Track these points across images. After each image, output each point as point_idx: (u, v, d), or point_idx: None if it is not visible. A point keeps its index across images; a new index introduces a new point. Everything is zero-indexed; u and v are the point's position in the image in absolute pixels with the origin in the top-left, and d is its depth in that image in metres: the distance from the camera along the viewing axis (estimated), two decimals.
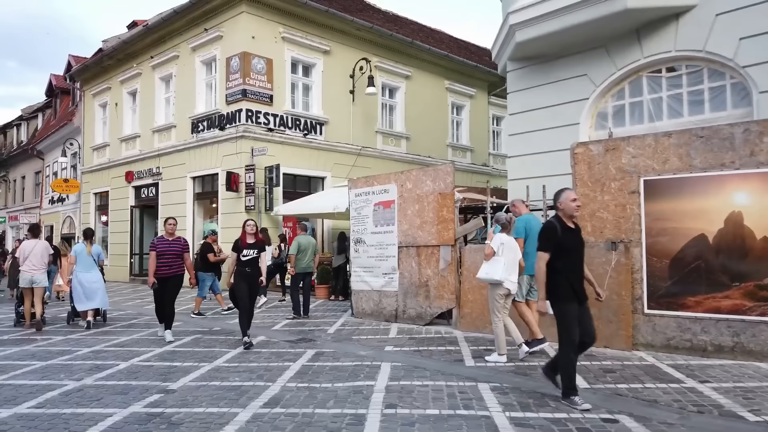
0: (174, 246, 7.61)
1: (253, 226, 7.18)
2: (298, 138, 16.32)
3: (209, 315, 10.21)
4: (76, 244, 9.96)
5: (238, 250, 6.96)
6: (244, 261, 6.89)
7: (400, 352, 6.43)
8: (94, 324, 8.65)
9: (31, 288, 8.80)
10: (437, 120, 20.68)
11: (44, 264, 9.00)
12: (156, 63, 18.31)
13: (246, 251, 6.92)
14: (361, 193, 9.44)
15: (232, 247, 7.11)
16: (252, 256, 6.96)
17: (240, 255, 6.89)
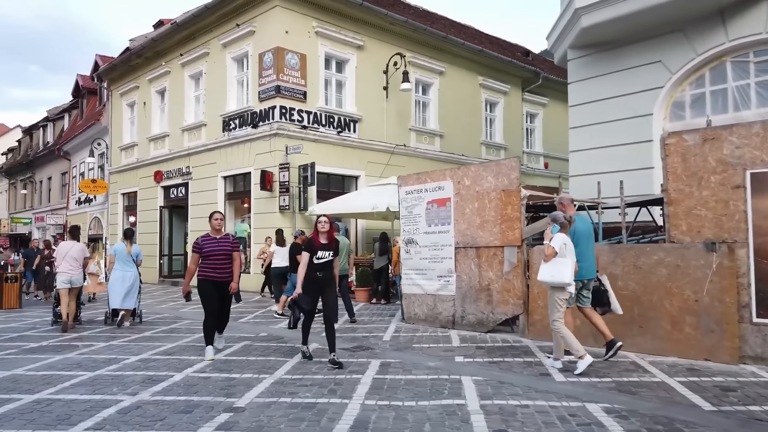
0: (223, 245, 6.55)
1: (326, 223, 6.15)
2: (332, 136, 15.83)
3: (254, 316, 9.73)
4: (117, 243, 9.85)
5: (311, 251, 5.99)
6: (316, 264, 5.97)
7: (473, 363, 5.86)
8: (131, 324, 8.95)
9: (68, 288, 8.84)
10: (470, 117, 20.07)
11: (80, 265, 9.15)
12: (185, 61, 17.97)
13: (320, 253, 5.98)
14: (412, 191, 8.88)
15: (304, 248, 6.14)
16: (327, 258, 6.01)
17: (314, 257, 5.97)
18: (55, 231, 28.73)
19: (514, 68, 21.53)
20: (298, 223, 14.86)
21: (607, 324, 5.87)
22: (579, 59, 9.00)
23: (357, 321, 9.18)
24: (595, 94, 8.67)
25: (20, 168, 36.44)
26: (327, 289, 6.01)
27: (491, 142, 20.98)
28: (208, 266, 6.40)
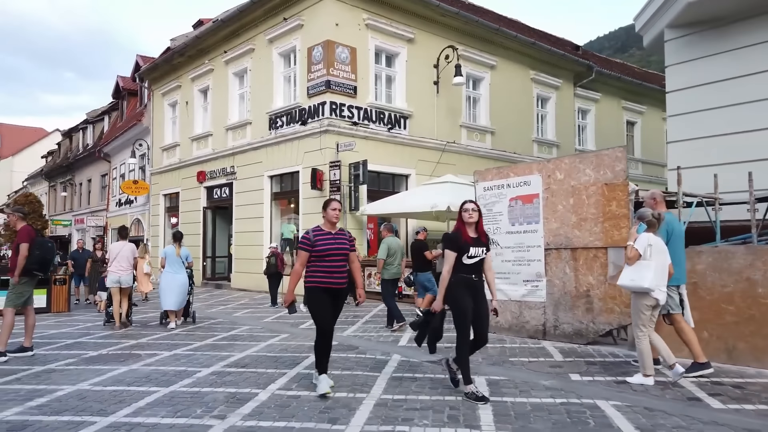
0: (341, 241, 4.95)
1: (474, 211, 4.72)
2: (383, 132, 15.15)
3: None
4: (167, 246, 9.92)
5: (460, 248, 4.62)
6: (468, 266, 4.61)
7: (596, 383, 5.05)
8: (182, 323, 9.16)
9: (119, 288, 9.06)
10: (522, 113, 19.18)
11: (131, 265, 9.27)
12: (229, 58, 17.54)
13: (473, 250, 4.61)
14: (491, 187, 8.10)
15: (447, 245, 4.72)
16: (480, 257, 4.66)
17: (465, 256, 4.60)
18: (95, 233, 28.77)
19: (566, 62, 20.55)
20: (348, 225, 14.23)
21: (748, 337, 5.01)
22: (679, 39, 8.10)
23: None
24: (698, 78, 7.77)
25: (60, 170, 36.82)
26: (480, 297, 4.72)
27: (543, 139, 20.02)
28: (322, 269, 4.82)
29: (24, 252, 6.42)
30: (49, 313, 11.10)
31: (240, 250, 16.92)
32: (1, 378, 5.34)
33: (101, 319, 10.28)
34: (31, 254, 6.38)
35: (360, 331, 8.37)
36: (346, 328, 8.73)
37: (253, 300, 13.48)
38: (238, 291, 16.26)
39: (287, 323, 9.40)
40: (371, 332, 8.29)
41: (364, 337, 7.83)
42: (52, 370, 5.68)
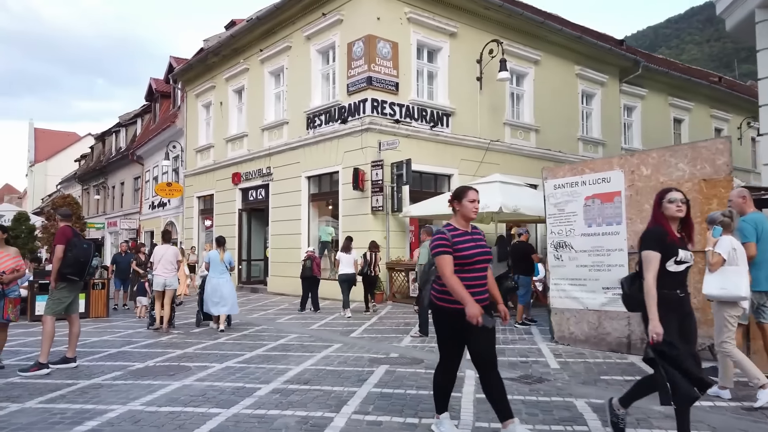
0: (480, 243, 3.65)
1: (682, 202, 3.49)
2: (425, 131, 14.53)
3: (364, 330, 8.47)
4: (211, 251, 9.82)
5: (667, 249, 3.38)
6: (672, 275, 3.39)
7: (722, 410, 4.33)
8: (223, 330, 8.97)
9: (163, 291, 9.11)
10: (566, 110, 18.36)
11: (174, 268, 9.33)
12: (265, 56, 17.14)
13: (682, 253, 3.39)
14: (563, 184, 7.40)
15: (647, 246, 3.43)
16: (689, 262, 3.45)
17: (671, 261, 3.37)
18: (128, 236, 28.77)
19: (612, 57, 19.64)
20: (391, 226, 13.65)
21: None
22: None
23: None
24: None
25: (93, 174, 37.13)
26: (690, 321, 3.51)
27: (588, 138, 19.15)
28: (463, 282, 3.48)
29: (58, 254, 5.97)
30: (87, 318, 10.74)
31: (276, 253, 16.47)
32: (45, 395, 4.87)
33: (140, 325, 9.90)
34: (66, 257, 5.91)
35: (419, 341, 7.75)
36: (401, 338, 8.12)
37: (292, 305, 12.97)
38: (275, 295, 15.80)
39: (336, 331, 8.84)
40: (431, 341, 7.65)
41: (426, 348, 7.21)
42: (98, 386, 5.19)
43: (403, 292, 13.08)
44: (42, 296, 10.15)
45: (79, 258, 6.00)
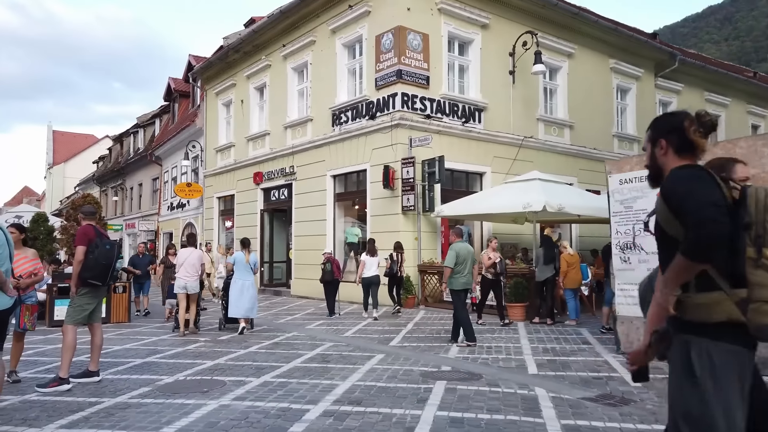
0: None
1: None
2: (456, 127, 13.86)
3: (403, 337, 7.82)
4: (236, 253, 9.72)
5: None
6: None
7: None
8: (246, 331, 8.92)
9: (186, 294, 8.93)
10: (601, 106, 17.56)
11: (197, 272, 9.09)
12: (288, 52, 16.58)
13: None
14: (631, 179, 6.69)
15: None
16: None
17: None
18: (146, 237, 28.43)
19: (647, 50, 18.80)
20: (423, 227, 13.00)
21: None
22: None
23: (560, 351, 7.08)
24: None
25: (111, 175, 36.95)
26: None
27: (623, 134, 18.34)
28: None
29: (79, 256, 5.38)
30: (109, 324, 10.23)
31: (300, 255, 15.88)
32: (66, 417, 4.29)
33: (163, 331, 9.36)
34: (87, 259, 5.34)
35: (468, 351, 7.07)
36: (446, 347, 7.46)
37: (318, 309, 12.38)
38: (299, 298, 15.23)
39: (373, 339, 8.21)
40: (481, 352, 6.98)
41: (479, 360, 6.53)
42: (125, 405, 4.60)
43: (436, 296, 12.41)
44: (61, 300, 9.66)
45: (102, 261, 5.42)
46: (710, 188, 1.84)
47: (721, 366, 1.86)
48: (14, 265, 5.44)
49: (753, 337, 1.85)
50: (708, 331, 1.87)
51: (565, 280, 9.42)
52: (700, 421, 1.86)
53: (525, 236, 15.08)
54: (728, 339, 1.86)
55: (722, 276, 1.85)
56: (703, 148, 2.04)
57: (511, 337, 8.23)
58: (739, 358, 1.87)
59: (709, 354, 1.86)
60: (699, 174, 1.90)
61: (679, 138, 2.02)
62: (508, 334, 8.54)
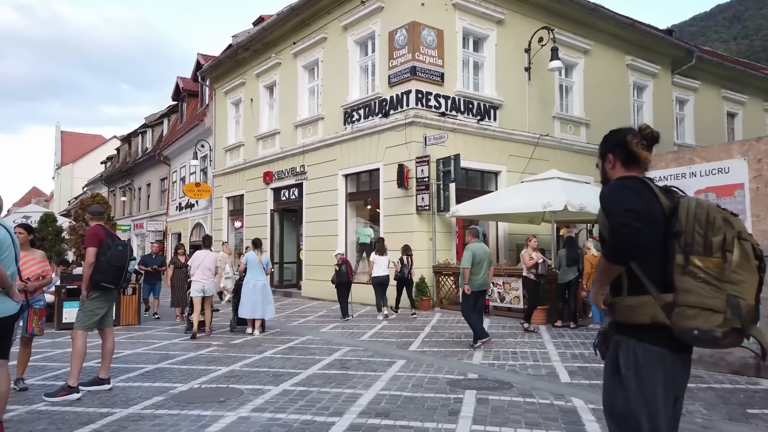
0: None
1: None
2: (471, 124, 13.55)
3: (423, 340, 7.50)
4: (248, 253, 9.60)
5: None
6: None
7: None
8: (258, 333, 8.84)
9: (201, 297, 8.85)
10: (617, 103, 17.19)
11: (212, 274, 9.03)
12: (298, 50, 16.32)
13: None
14: (666, 177, 6.36)
15: None
16: None
17: None
18: (155, 238, 28.27)
19: (663, 46, 18.42)
20: (438, 227, 12.69)
21: None
22: None
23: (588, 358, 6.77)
24: None
25: (119, 175, 36.85)
26: None
27: None
28: None
29: (90, 258, 5.11)
30: (118, 326, 9.99)
31: (311, 255, 15.61)
32: (75, 429, 4.03)
33: (174, 334, 9.11)
34: (98, 261, 5.07)
35: (492, 357, 6.76)
36: (468, 352, 7.15)
37: (331, 311, 12.10)
38: (310, 300, 14.95)
39: (391, 344, 7.91)
40: (506, 358, 6.67)
41: (506, 367, 6.22)
42: (138, 417, 4.32)
43: (451, 297, 12.10)
44: (70, 302, 9.42)
45: (114, 262, 5.15)
46: (633, 197, 1.94)
47: (645, 366, 1.95)
48: (21, 267, 5.19)
49: (678, 340, 1.91)
50: (635, 333, 1.98)
51: (589, 282, 9.08)
52: (625, 419, 1.97)
53: (542, 237, 14.75)
54: (653, 341, 1.95)
55: (652, 281, 1.95)
56: (646, 159, 2.17)
57: (536, 341, 7.91)
58: (664, 359, 1.96)
59: (635, 354, 1.97)
60: (628, 184, 2.02)
61: (624, 152, 2.15)
62: (531, 338, 8.22)
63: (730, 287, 1.84)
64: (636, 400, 1.96)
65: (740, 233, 1.91)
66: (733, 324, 1.82)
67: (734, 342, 1.87)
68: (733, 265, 1.85)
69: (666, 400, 1.97)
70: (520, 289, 10.32)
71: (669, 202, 2.01)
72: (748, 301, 1.84)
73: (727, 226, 1.90)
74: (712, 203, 2.01)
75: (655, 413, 1.95)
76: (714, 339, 1.85)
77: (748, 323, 1.84)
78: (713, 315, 1.83)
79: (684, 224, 1.93)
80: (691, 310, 1.85)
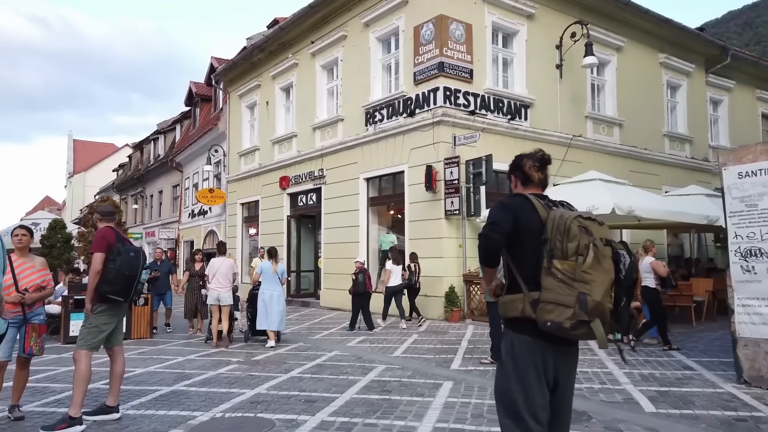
0: None
1: None
2: (502, 124, 12.77)
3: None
4: (263, 262, 9.15)
5: None
6: None
7: None
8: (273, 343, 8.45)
9: (218, 305, 8.60)
10: (651, 103, 16.37)
11: (229, 282, 8.71)
12: (317, 49, 15.67)
13: None
14: (755, 171, 5.53)
15: None
16: None
17: None
18: (167, 246, 27.66)
19: (698, 44, 17.58)
20: (468, 233, 11.89)
21: None
22: None
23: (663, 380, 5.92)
24: None
25: (131, 183, 36.45)
26: None
27: (674, 134, 17.07)
28: None
29: (96, 266, 4.35)
30: (129, 340, 9.28)
31: (330, 264, 14.85)
32: None
33: (190, 350, 8.37)
34: (106, 269, 4.33)
35: None
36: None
37: None
38: (329, 310, 14.18)
39: (428, 360, 7.13)
40: None
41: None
42: None
43: (483, 308, 11.26)
44: (77, 314, 8.71)
45: (125, 271, 4.40)
46: (502, 213, 2.38)
47: (519, 354, 2.33)
48: (19, 275, 4.49)
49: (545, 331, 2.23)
50: (512, 325, 2.39)
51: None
52: (504, 397, 2.37)
53: None
54: (524, 331, 2.32)
55: (526, 281, 2.32)
56: (538, 179, 2.58)
57: (594, 359, 7.07)
58: (534, 348, 2.31)
59: (512, 343, 2.37)
60: (507, 201, 2.48)
61: (521, 173, 2.58)
62: (584, 355, 7.38)
63: (581, 286, 2.13)
64: (513, 381, 2.32)
65: (596, 240, 2.20)
66: (580, 317, 2.12)
67: (584, 333, 2.18)
68: (585, 266, 2.14)
69: (539, 382, 2.29)
70: None
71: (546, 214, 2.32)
72: (595, 297, 2.13)
73: (583, 233, 2.20)
74: (574, 214, 2.29)
75: (529, 393, 2.29)
76: (563, 329, 2.16)
77: (594, 317, 2.13)
78: (565, 309, 2.14)
79: (549, 233, 2.24)
80: (549, 305, 2.17)
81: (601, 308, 2.14)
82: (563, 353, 2.35)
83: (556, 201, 2.51)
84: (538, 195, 2.50)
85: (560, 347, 2.31)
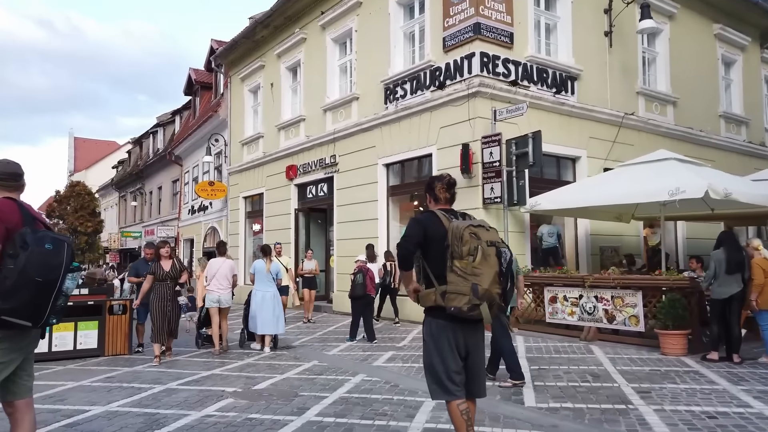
0: None
1: None
2: (546, 98, 10.92)
3: None
4: (256, 261, 8.58)
5: None
6: None
7: None
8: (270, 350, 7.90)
9: (218, 308, 7.99)
10: (705, 79, 14.48)
11: (229, 284, 8.08)
12: (327, 20, 13.84)
13: None
14: None
15: None
16: None
17: None
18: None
19: (753, 15, 15.63)
20: (511, 225, 10.04)
21: None
22: None
23: None
24: None
25: (130, 179, 34.81)
26: None
27: (730, 114, 15.15)
28: None
29: None
30: (102, 357, 7.47)
31: (344, 263, 12.98)
32: None
33: (168, 375, 6.54)
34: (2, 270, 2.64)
35: (674, 414, 4.07)
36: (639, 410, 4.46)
37: (376, 331, 9.46)
38: (343, 315, 12.34)
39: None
40: (695, 418, 3.97)
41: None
42: None
43: (532, 315, 9.45)
44: None
45: (33, 275, 2.60)
46: (414, 227, 3.13)
47: (436, 332, 3.12)
48: None
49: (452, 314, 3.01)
50: (429, 312, 3.16)
51: (762, 298, 6.33)
52: (428, 367, 3.16)
53: (626, 237, 12.08)
54: (438, 316, 3.09)
55: (437, 278, 3.05)
56: (444, 198, 3.32)
57: (703, 386, 5.18)
58: (446, 327, 3.09)
59: (430, 325, 3.16)
60: (420, 217, 3.23)
61: (432, 193, 3.34)
62: (691, 378, 5.49)
63: (473, 278, 2.92)
64: (432, 353, 3.12)
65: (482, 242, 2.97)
66: (473, 302, 2.91)
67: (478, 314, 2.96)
68: (475, 263, 2.93)
69: (453, 353, 3.08)
70: (638, 306, 7.63)
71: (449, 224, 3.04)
72: (484, 286, 2.92)
73: (474, 238, 2.96)
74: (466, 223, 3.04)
75: (446, 362, 3.07)
76: (463, 312, 2.93)
77: (483, 301, 2.92)
78: (463, 297, 2.93)
79: (450, 239, 2.98)
80: (452, 294, 2.95)
81: (489, 294, 2.93)
82: (470, 329, 3.11)
83: (458, 213, 3.22)
84: (445, 210, 3.22)
85: (467, 325, 3.07)
